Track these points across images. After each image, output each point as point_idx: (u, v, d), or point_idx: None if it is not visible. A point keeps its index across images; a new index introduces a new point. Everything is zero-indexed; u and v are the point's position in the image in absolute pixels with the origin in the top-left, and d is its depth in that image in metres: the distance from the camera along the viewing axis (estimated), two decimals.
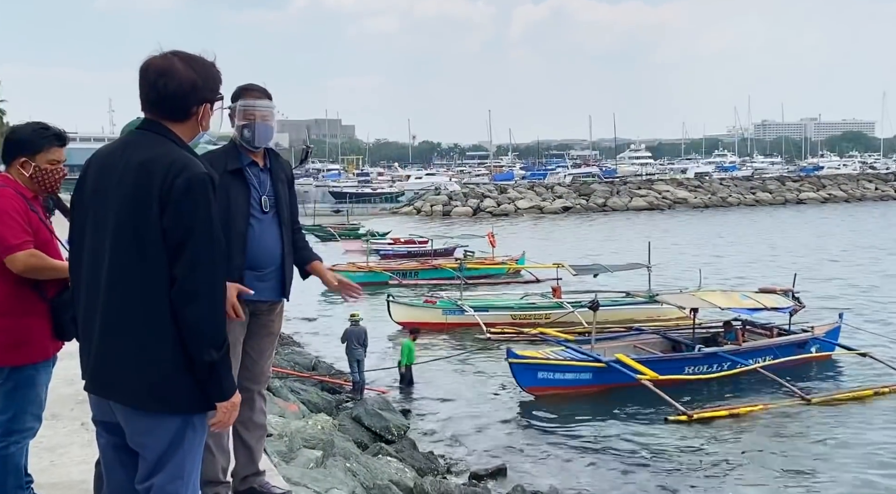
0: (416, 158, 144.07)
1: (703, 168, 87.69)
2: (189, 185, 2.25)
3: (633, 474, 9.42)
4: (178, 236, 2.23)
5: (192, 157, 2.35)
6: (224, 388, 2.32)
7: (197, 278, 2.24)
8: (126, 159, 2.33)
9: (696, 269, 19.78)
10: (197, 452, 2.39)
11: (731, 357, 13.20)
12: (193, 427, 2.35)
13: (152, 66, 2.36)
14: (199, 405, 2.33)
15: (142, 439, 2.32)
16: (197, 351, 2.25)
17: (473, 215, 54.88)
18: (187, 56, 2.39)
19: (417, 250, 29.43)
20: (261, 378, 3.60)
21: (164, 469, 2.31)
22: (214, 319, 2.27)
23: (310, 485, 5.56)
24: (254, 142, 3.44)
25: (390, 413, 9.91)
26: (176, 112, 2.37)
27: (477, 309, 17.65)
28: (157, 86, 2.34)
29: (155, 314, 2.25)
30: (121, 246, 2.27)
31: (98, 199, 2.36)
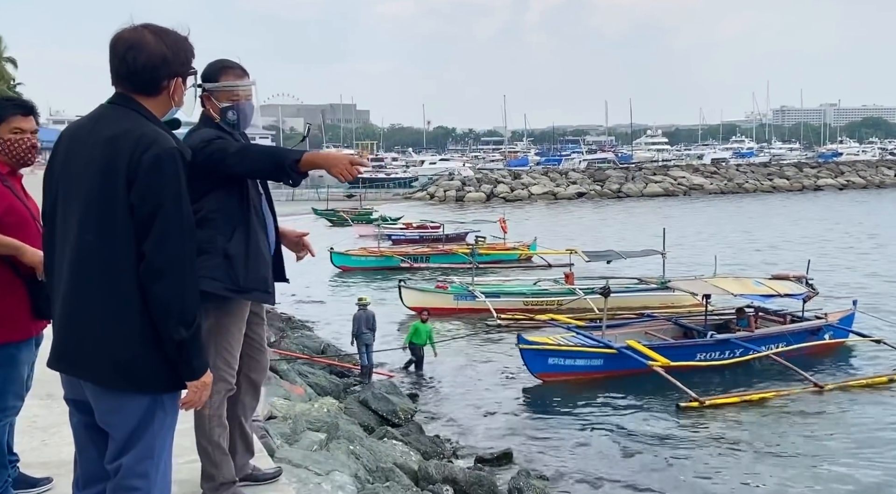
0: (431, 143, 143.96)
1: (720, 154, 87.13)
2: (157, 160, 2.20)
3: (643, 460, 9.35)
4: (146, 212, 2.19)
5: (163, 132, 2.28)
6: (194, 367, 2.28)
7: (165, 254, 2.19)
8: (95, 134, 2.28)
9: (711, 255, 19.59)
10: (167, 432, 2.34)
11: (743, 344, 13.08)
12: (163, 407, 2.30)
13: (122, 38, 2.30)
14: (169, 385, 2.28)
15: (110, 418, 2.28)
16: (166, 329, 2.21)
17: (487, 200, 54.74)
18: (158, 29, 2.33)
19: (429, 236, 29.38)
20: (266, 365, 3.56)
21: (134, 448, 2.27)
22: (184, 296, 2.22)
23: (311, 467, 5.54)
24: (240, 124, 3.28)
25: (397, 397, 9.89)
26: (146, 86, 2.31)
27: (488, 295, 17.58)
28: (126, 59, 2.28)
29: (122, 290, 2.21)
30: (88, 222, 2.23)
31: (67, 174, 2.31)
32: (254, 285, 3.20)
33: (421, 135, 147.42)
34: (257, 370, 3.50)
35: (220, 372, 3.22)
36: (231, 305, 3.22)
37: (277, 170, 3.05)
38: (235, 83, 3.26)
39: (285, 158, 3.01)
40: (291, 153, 3.04)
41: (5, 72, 49.20)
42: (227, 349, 3.25)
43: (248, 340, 3.41)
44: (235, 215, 3.18)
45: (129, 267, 2.20)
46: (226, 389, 3.29)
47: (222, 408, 3.29)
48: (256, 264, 3.21)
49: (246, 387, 3.47)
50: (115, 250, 2.20)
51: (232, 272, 3.14)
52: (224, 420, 3.31)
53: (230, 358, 3.27)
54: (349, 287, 21.38)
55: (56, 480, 3.53)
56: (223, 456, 3.30)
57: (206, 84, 3.25)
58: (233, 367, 3.29)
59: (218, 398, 3.25)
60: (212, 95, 3.26)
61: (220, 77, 3.27)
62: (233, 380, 3.31)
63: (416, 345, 13.07)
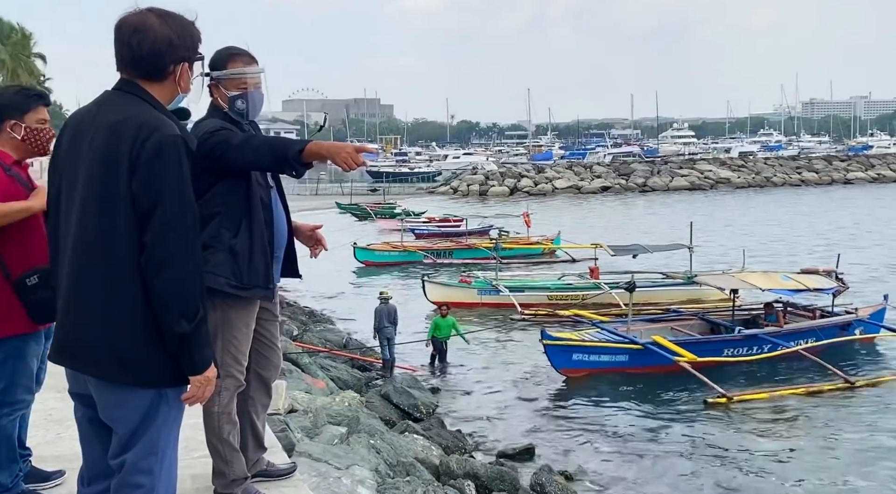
0: (455, 137, 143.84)
1: (748, 147, 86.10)
2: (160, 147, 2.13)
3: (669, 457, 9.20)
4: (148, 201, 2.12)
5: (167, 119, 2.21)
6: (197, 361, 2.20)
7: (167, 245, 2.13)
8: (98, 120, 2.21)
9: (739, 250, 19.29)
10: (172, 427, 2.28)
11: (771, 340, 12.85)
12: (168, 401, 2.24)
13: (126, 22, 2.23)
14: (174, 379, 2.22)
15: (113, 413, 2.23)
16: (167, 322, 2.14)
17: (510, 194, 54.48)
18: (164, 12, 2.26)
19: (452, 230, 29.28)
20: (278, 363, 3.49)
21: (138, 444, 2.21)
22: (186, 288, 2.15)
23: (331, 462, 5.48)
24: (249, 114, 3.18)
25: (419, 391, 9.83)
26: (151, 71, 2.25)
27: (512, 289, 17.46)
28: (130, 43, 2.21)
29: (124, 282, 2.14)
30: (89, 211, 2.16)
31: (70, 161, 2.25)
32: (255, 281, 3.14)
33: (445, 129, 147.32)
34: (267, 367, 3.42)
35: (228, 368, 3.16)
36: (237, 300, 3.15)
37: (280, 161, 2.97)
38: (244, 70, 3.16)
39: (288, 149, 2.92)
40: (295, 144, 2.96)
41: (35, 68, 49.93)
42: (235, 345, 3.18)
43: (258, 336, 3.34)
44: (241, 209, 3.11)
45: (131, 258, 2.14)
46: (235, 385, 3.22)
47: (231, 405, 3.23)
48: (260, 261, 3.14)
49: (256, 384, 3.40)
50: (116, 241, 2.14)
51: (236, 269, 3.08)
52: (234, 417, 3.24)
53: (238, 354, 3.20)
54: (372, 282, 21.36)
55: (69, 474, 3.50)
56: (234, 453, 3.23)
57: (213, 72, 3.15)
58: (241, 363, 3.22)
59: (227, 395, 3.19)
60: (220, 84, 3.16)
61: (228, 64, 3.16)
62: (242, 377, 3.24)
63: (438, 339, 12.99)
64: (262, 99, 3.22)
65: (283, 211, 3.34)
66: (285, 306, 16.06)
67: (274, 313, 3.44)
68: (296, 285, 20.93)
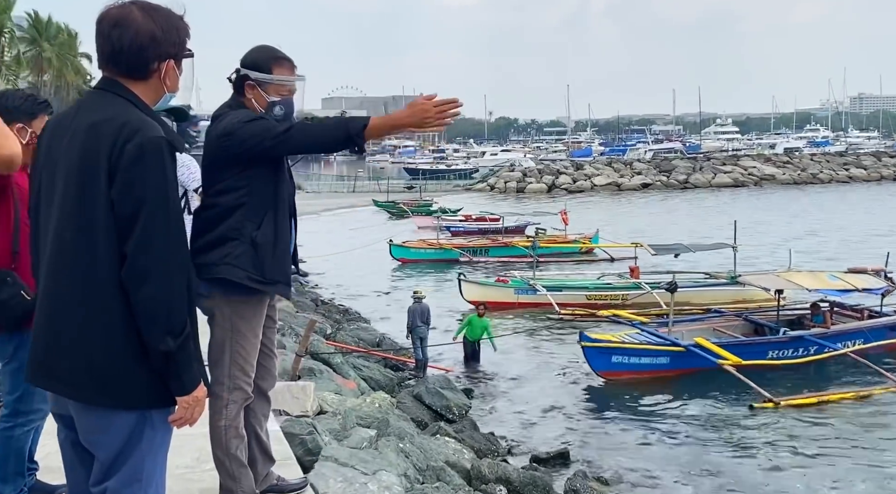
0: (493, 134, 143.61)
1: (793, 143, 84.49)
2: (141, 150, 1.96)
3: (712, 464, 8.86)
4: (129, 209, 1.95)
5: (151, 120, 2.04)
6: (184, 381, 2.03)
7: (150, 256, 1.96)
8: (77, 121, 2.05)
9: (784, 248, 18.76)
10: (158, 452, 2.11)
11: (818, 341, 12.41)
12: (153, 425, 2.06)
13: (107, 15, 2.06)
14: (159, 399, 2.05)
15: (94, 437, 2.06)
16: (151, 339, 1.97)
17: (548, 191, 54.04)
18: (148, 6, 2.09)
19: (488, 227, 29.06)
20: (275, 372, 3.35)
21: (120, 470, 2.04)
22: (171, 302, 1.98)
23: (357, 466, 5.33)
24: (285, 121, 3.03)
25: (452, 392, 9.63)
26: (134, 68, 2.08)
27: (550, 289, 17.16)
28: (111, 38, 2.05)
29: (103, 295, 1.97)
30: (66, 219, 2.00)
31: (49, 165, 2.09)
32: (277, 276, 3.01)
33: (483, 126, 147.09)
34: (266, 377, 3.28)
35: (236, 380, 3.03)
36: (248, 308, 3.02)
37: (340, 141, 2.82)
38: (289, 78, 3.05)
39: (349, 126, 2.77)
40: (355, 121, 2.79)
41: (81, 67, 50.98)
42: (243, 356, 3.04)
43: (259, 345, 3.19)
44: (268, 202, 2.99)
45: (111, 269, 1.97)
46: (243, 398, 3.08)
47: (239, 419, 3.09)
48: (283, 256, 3.02)
49: (256, 394, 3.25)
50: (95, 252, 1.97)
51: (258, 262, 2.94)
52: (241, 431, 3.10)
53: (246, 365, 3.06)
54: (408, 280, 21.26)
55: None
56: (241, 469, 3.09)
57: (256, 74, 3.02)
58: (248, 374, 3.08)
59: (234, 408, 3.05)
60: (260, 86, 3.03)
61: (274, 69, 3.04)
62: (249, 388, 3.10)
63: (469, 340, 12.80)
64: (294, 108, 3.12)
65: (292, 209, 3.20)
66: (320, 305, 16.03)
67: (273, 319, 3.30)
68: (330, 282, 20.97)
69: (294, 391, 6.28)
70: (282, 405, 6.11)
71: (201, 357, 2.18)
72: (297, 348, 8.10)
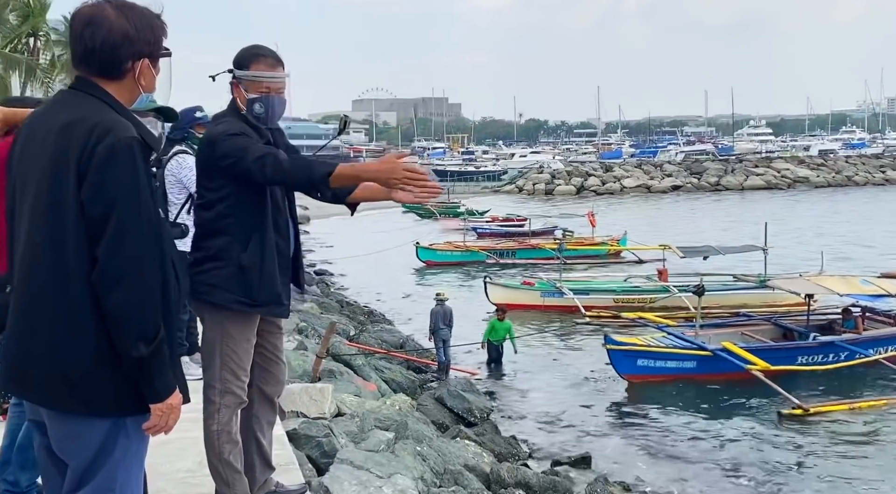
0: (522, 136, 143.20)
1: (829, 145, 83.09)
2: (112, 151, 1.93)
3: (739, 472, 8.69)
4: (99, 211, 1.92)
5: (124, 120, 2.01)
6: (157, 388, 1.99)
7: (120, 258, 1.92)
8: (49, 122, 2.02)
9: (817, 252, 18.41)
10: (133, 461, 2.06)
11: (849, 347, 12.15)
12: (126, 433, 2.02)
13: (80, 14, 2.04)
14: (133, 407, 2.01)
15: (66, 445, 2.02)
16: (122, 345, 1.94)
17: (577, 193, 53.77)
18: (122, 3, 2.06)
19: (515, 230, 28.94)
20: (282, 378, 3.30)
21: (93, 480, 2.00)
22: (144, 307, 1.94)
23: (373, 469, 5.31)
24: (267, 119, 3.01)
25: (473, 395, 9.59)
26: (106, 68, 2.04)
27: (577, 292, 17.02)
28: (83, 36, 2.02)
29: (74, 300, 1.95)
30: (37, 222, 1.98)
31: (22, 167, 2.07)
32: (268, 298, 2.97)
33: (512, 128, 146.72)
34: (271, 382, 3.23)
35: (227, 384, 3.00)
36: (239, 314, 2.99)
37: (305, 183, 2.83)
38: (264, 74, 2.99)
39: (313, 170, 2.77)
40: (322, 166, 2.78)
41: None
42: (234, 360, 3.01)
43: (260, 350, 3.16)
44: (254, 221, 2.95)
45: (82, 274, 1.94)
46: (235, 402, 3.04)
47: (232, 424, 3.05)
48: (272, 277, 2.97)
49: (259, 400, 3.22)
50: (66, 254, 1.94)
51: (245, 285, 2.92)
52: (235, 436, 3.06)
53: (237, 369, 3.02)
54: (433, 282, 21.25)
55: None
56: (235, 475, 3.05)
57: (235, 71, 3.01)
58: (241, 379, 3.04)
59: (227, 413, 3.02)
60: (240, 84, 3.01)
61: (252, 65, 3.01)
62: (243, 393, 3.06)
63: (493, 343, 12.73)
64: (282, 105, 3.05)
65: (292, 214, 3.17)
66: (344, 306, 16.08)
67: (278, 325, 3.26)
68: (356, 284, 21.04)
69: (312, 393, 6.29)
70: (299, 407, 6.12)
71: (179, 363, 2.14)
72: (318, 349, 8.12)
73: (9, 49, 30.28)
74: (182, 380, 2.11)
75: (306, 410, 6.11)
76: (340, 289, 19.92)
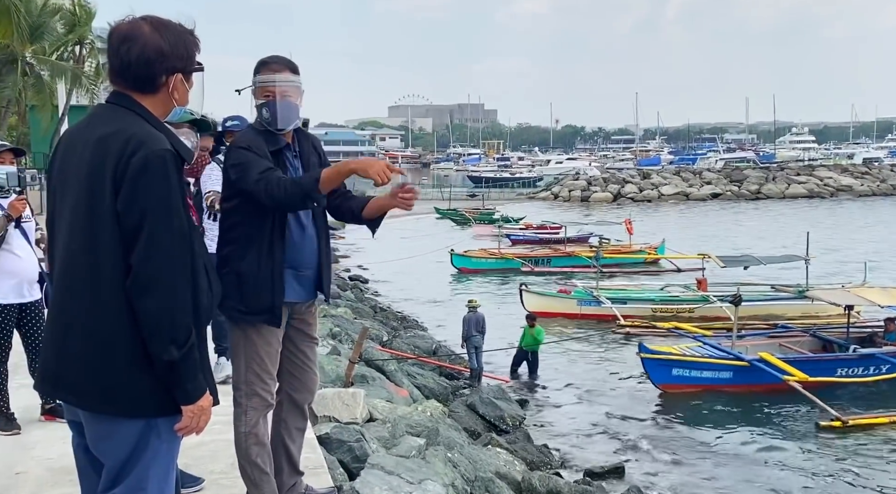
0: (559, 142, 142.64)
1: (874, 153, 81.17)
2: (146, 163, 2.01)
3: (774, 485, 8.56)
4: (134, 220, 2.01)
5: (158, 132, 2.09)
6: (189, 390, 2.06)
7: (154, 266, 2.00)
8: (87, 134, 2.11)
9: (860, 262, 18.02)
10: (164, 460, 2.13)
11: (891, 360, 11.86)
12: (158, 433, 2.09)
13: (117, 31, 2.13)
14: (165, 408, 2.08)
15: (101, 445, 2.11)
16: (155, 349, 2.01)
17: (613, 200, 53.26)
18: (157, 21, 2.14)
19: (549, 237, 28.77)
20: (312, 387, 3.32)
21: (126, 479, 2.08)
22: (174, 312, 2.02)
23: (403, 475, 5.34)
24: (274, 123, 3.04)
25: (506, 402, 9.56)
26: (142, 82, 2.13)
27: (614, 301, 16.88)
28: (119, 52, 2.11)
29: (109, 306, 2.03)
30: (75, 231, 2.07)
31: (61, 178, 2.16)
32: (258, 307, 3.02)
33: (548, 134, 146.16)
34: (300, 390, 3.27)
35: (252, 386, 3.05)
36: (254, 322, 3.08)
37: (302, 200, 2.92)
38: (266, 79, 3.05)
39: (302, 185, 2.89)
40: (310, 178, 2.91)
41: None
42: (257, 363, 3.06)
43: (291, 358, 3.21)
44: (258, 232, 3.02)
45: (117, 280, 2.02)
46: (262, 405, 3.10)
47: (259, 426, 3.10)
48: (264, 287, 3.01)
49: (288, 407, 3.26)
50: (101, 262, 2.03)
51: (240, 293, 3.00)
52: (262, 439, 3.11)
53: (262, 372, 3.08)
54: (467, 289, 21.25)
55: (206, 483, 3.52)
56: (262, 476, 3.10)
57: (253, 79, 3.11)
58: (266, 382, 3.09)
59: (254, 415, 3.07)
60: (252, 93, 3.09)
61: (259, 73, 3.08)
62: (269, 396, 3.11)
63: (525, 350, 12.70)
64: (288, 108, 3.05)
65: (317, 227, 3.20)
66: (378, 311, 16.16)
67: (309, 334, 3.30)
68: (390, 289, 21.13)
69: (344, 398, 6.34)
70: (332, 412, 6.18)
71: (209, 366, 2.21)
72: (351, 354, 8.18)
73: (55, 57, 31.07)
74: (212, 382, 2.18)
75: (338, 414, 6.16)
76: (374, 295, 20.03)
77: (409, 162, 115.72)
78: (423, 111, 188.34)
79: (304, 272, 3.16)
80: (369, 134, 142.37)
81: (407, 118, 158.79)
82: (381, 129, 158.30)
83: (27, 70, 29.09)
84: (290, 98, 3.06)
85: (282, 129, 3.08)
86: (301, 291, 3.16)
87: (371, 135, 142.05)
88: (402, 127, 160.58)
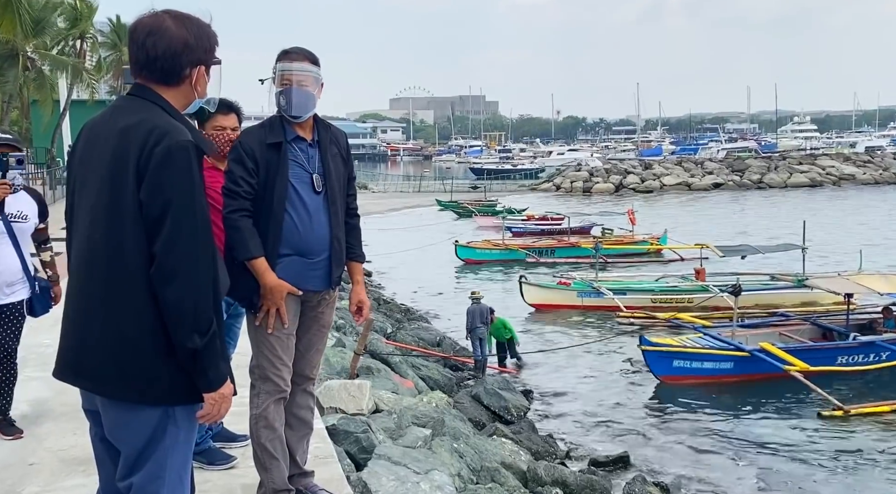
0: (560, 133, 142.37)
1: (876, 142, 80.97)
2: (168, 153, 2.05)
3: (777, 473, 8.64)
4: (157, 210, 2.04)
5: (180, 124, 2.14)
6: (210, 378, 2.11)
7: (177, 255, 2.04)
8: (110, 125, 2.16)
9: (858, 250, 18.06)
10: (182, 449, 2.17)
11: (890, 347, 11.93)
12: (175, 421, 2.14)
13: (141, 25, 2.17)
14: (182, 396, 2.12)
15: (118, 432, 2.15)
16: (178, 337, 2.05)
17: (615, 191, 53.22)
18: (179, 14, 2.19)
19: (551, 228, 28.79)
20: (306, 372, 3.33)
21: (144, 466, 2.12)
22: (197, 301, 2.06)
23: (410, 465, 5.43)
24: (289, 109, 3.10)
25: (510, 393, 9.66)
26: (167, 75, 2.18)
27: (614, 291, 16.93)
28: (145, 46, 2.15)
29: (130, 294, 2.07)
30: (97, 220, 2.11)
31: (82, 168, 2.20)
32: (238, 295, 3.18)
33: (550, 125, 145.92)
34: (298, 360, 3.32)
35: (264, 370, 3.11)
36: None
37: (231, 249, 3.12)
38: (284, 67, 3.13)
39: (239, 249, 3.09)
40: (248, 251, 3.06)
41: None
42: (269, 348, 3.12)
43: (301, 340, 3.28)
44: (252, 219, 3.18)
45: (139, 269, 2.06)
46: (274, 390, 3.14)
47: (270, 411, 3.15)
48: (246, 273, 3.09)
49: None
50: (124, 251, 2.07)
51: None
52: (273, 423, 3.15)
53: (273, 358, 3.12)
54: (472, 280, 21.33)
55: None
56: (272, 461, 3.15)
57: (273, 68, 3.20)
58: (277, 367, 3.13)
59: (266, 399, 3.12)
60: (272, 82, 3.17)
61: (279, 62, 3.17)
62: (281, 382, 3.16)
63: (500, 342, 12.85)
64: (302, 96, 3.11)
65: (331, 216, 3.20)
66: (382, 304, 16.23)
67: (320, 322, 3.33)
68: (393, 281, 21.20)
69: (350, 390, 6.42)
70: (338, 403, 6.26)
71: (228, 355, 2.26)
72: (356, 346, 8.27)
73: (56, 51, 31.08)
74: (230, 371, 2.22)
75: (345, 406, 6.24)
76: (378, 287, 20.11)
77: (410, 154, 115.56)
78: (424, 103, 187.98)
79: (314, 259, 3.17)
80: (371, 126, 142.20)
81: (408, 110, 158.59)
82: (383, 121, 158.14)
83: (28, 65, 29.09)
84: (306, 87, 3.12)
85: (296, 116, 3.13)
86: (313, 278, 3.18)
87: (372, 127, 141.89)
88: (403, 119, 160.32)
